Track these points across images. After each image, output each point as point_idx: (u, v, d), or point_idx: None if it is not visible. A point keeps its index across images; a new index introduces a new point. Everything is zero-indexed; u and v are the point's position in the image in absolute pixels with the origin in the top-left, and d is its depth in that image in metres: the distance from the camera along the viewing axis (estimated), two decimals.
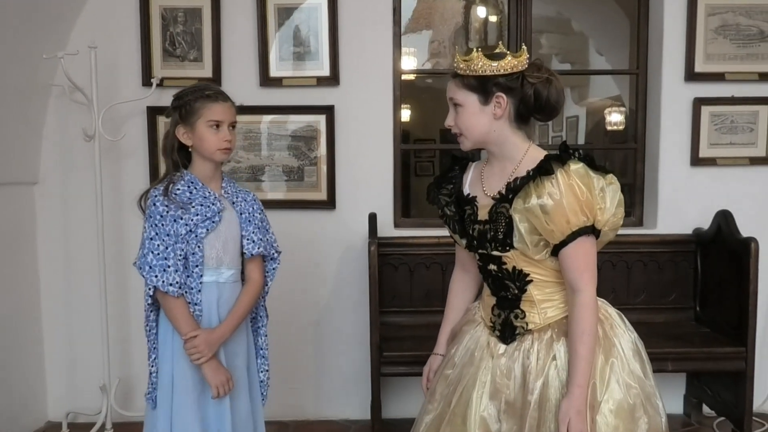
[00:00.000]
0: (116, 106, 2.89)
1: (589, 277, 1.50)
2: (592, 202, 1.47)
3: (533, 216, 1.48)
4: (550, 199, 1.46)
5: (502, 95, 1.53)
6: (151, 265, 1.77)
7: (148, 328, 1.89)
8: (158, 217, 1.79)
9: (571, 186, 1.46)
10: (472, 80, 1.54)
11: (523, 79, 1.53)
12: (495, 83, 1.53)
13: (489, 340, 1.63)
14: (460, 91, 1.56)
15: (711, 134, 3.07)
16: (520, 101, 1.54)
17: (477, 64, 1.52)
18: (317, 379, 3.18)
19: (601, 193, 1.48)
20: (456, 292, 1.83)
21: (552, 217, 1.46)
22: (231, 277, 1.90)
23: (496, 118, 1.55)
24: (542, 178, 1.47)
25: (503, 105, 1.54)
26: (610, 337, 1.54)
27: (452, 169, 1.75)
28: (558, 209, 1.46)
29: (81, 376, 3.13)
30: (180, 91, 1.89)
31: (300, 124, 3.06)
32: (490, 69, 1.52)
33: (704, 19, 3.01)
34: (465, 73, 1.55)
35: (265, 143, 3.07)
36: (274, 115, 3.06)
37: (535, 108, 1.55)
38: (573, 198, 1.46)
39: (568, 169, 1.47)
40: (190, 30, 3.02)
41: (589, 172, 1.48)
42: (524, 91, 1.53)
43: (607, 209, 1.48)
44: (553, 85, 1.54)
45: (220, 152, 1.85)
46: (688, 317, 3.08)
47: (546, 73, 1.54)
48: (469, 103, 1.55)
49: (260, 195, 3.06)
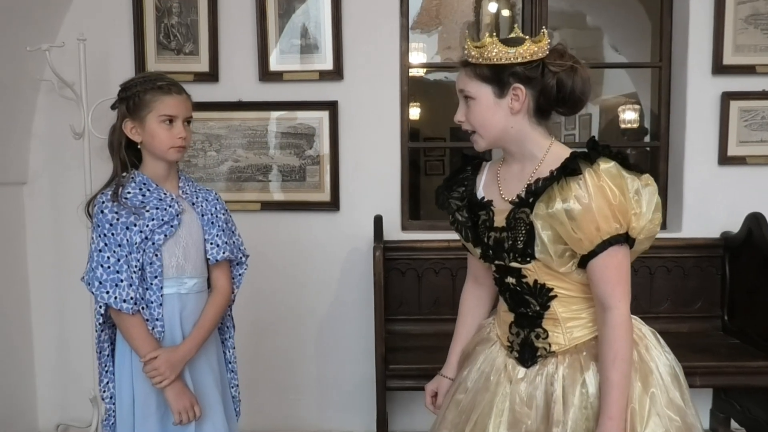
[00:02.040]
0: (107, 102, 2.71)
1: (622, 292, 1.31)
2: (626, 206, 1.29)
3: (558, 223, 1.30)
4: (577, 203, 1.28)
5: (520, 86, 1.35)
6: (101, 280, 1.60)
7: (98, 349, 1.71)
8: (107, 226, 1.61)
9: (601, 188, 1.28)
10: (486, 69, 1.36)
11: (543, 68, 1.35)
12: (512, 73, 1.35)
13: (506, 362, 1.45)
14: (471, 82, 1.38)
15: (740, 131, 2.87)
16: (540, 93, 1.36)
17: (491, 51, 1.34)
18: (319, 390, 3.02)
19: (636, 195, 1.30)
20: (468, 308, 1.65)
21: (579, 224, 1.28)
22: (195, 286, 1.71)
23: (513, 113, 1.37)
24: (568, 179, 1.29)
25: (521, 97, 1.36)
26: (647, 361, 1.36)
27: (463, 170, 1.57)
28: (586, 215, 1.28)
29: (72, 386, 2.98)
30: (127, 80, 1.71)
31: (302, 121, 2.89)
32: (506, 56, 1.34)
33: (733, 8, 2.81)
34: (477, 62, 1.36)
35: (264, 141, 2.91)
36: (275, 112, 2.89)
37: (557, 100, 1.37)
38: (603, 202, 1.27)
39: (597, 169, 1.29)
40: (185, 22, 2.86)
41: (622, 172, 1.30)
42: (545, 81, 1.35)
43: (643, 214, 1.30)
44: (578, 74, 1.35)
45: (173, 150, 1.66)
46: (715, 327, 2.89)
47: (570, 60, 1.36)
48: (482, 95, 1.38)
49: (260, 196, 2.93)
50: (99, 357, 1.71)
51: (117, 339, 1.70)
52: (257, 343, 2.90)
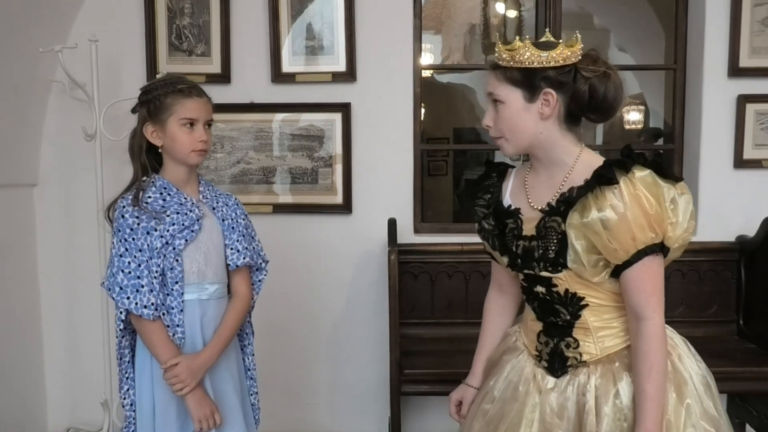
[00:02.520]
0: (118, 104, 2.71)
1: (656, 302, 1.30)
2: (662, 215, 1.27)
3: (592, 232, 1.28)
4: (613, 213, 1.26)
5: (551, 91, 1.33)
6: (122, 286, 1.57)
7: (119, 355, 1.69)
8: (128, 231, 1.59)
9: (637, 197, 1.26)
10: (517, 73, 1.34)
11: (575, 73, 1.33)
12: (543, 77, 1.33)
13: (535, 371, 1.43)
14: (501, 85, 1.36)
15: (756, 134, 2.85)
16: (571, 98, 1.34)
17: (523, 55, 1.32)
18: (332, 394, 3.00)
19: (672, 204, 1.28)
20: (492, 316, 1.63)
21: (615, 234, 1.26)
22: (215, 292, 1.69)
23: (543, 118, 1.35)
24: (603, 188, 1.27)
25: (552, 103, 1.34)
26: (681, 371, 1.34)
27: (488, 177, 1.54)
28: (622, 224, 1.26)
29: (82, 389, 2.96)
30: (148, 83, 1.70)
31: (314, 123, 2.87)
32: (538, 60, 1.32)
33: (750, 10, 2.78)
34: (508, 65, 1.34)
35: (276, 143, 2.89)
36: (287, 113, 2.87)
37: (589, 106, 1.35)
38: (639, 211, 1.26)
39: (633, 178, 1.27)
40: (197, 23, 2.83)
41: (657, 181, 1.28)
42: (577, 86, 1.33)
43: (679, 224, 1.28)
44: (611, 80, 1.33)
45: (194, 154, 1.65)
46: (730, 331, 2.87)
47: (603, 65, 1.34)
48: (512, 99, 1.35)
49: (271, 198, 2.91)
50: (119, 363, 1.69)
51: (137, 345, 1.68)
52: (269, 347, 2.87)
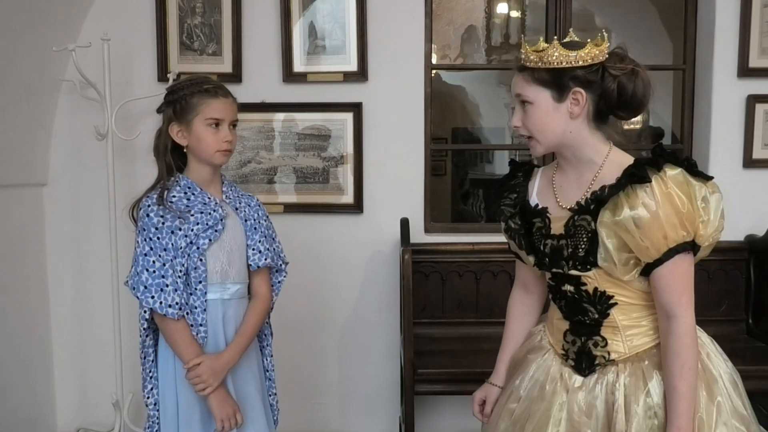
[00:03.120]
0: (130, 103, 2.71)
1: (687, 301, 1.31)
2: (693, 214, 1.28)
3: (624, 231, 1.29)
4: (645, 211, 1.27)
5: (581, 90, 1.34)
6: (146, 285, 1.57)
7: (143, 355, 1.68)
8: (153, 230, 1.59)
9: (668, 195, 1.27)
10: (545, 74, 1.35)
11: (603, 72, 1.34)
12: (572, 77, 1.33)
13: (561, 370, 1.43)
14: (529, 86, 1.37)
15: (766, 134, 2.86)
16: (600, 97, 1.35)
17: (551, 55, 1.33)
18: (342, 394, 3.00)
19: (703, 203, 1.29)
20: (516, 316, 1.63)
21: (646, 232, 1.27)
22: (237, 292, 1.70)
23: (572, 117, 1.36)
24: (634, 186, 1.28)
25: (581, 102, 1.34)
26: (710, 370, 1.35)
27: (514, 176, 1.55)
28: (654, 223, 1.26)
29: (92, 389, 2.96)
30: (174, 83, 1.70)
31: (325, 123, 2.87)
32: (567, 60, 1.32)
33: (759, 10, 2.79)
34: (536, 66, 1.35)
35: (287, 143, 2.88)
36: (298, 113, 2.86)
37: (618, 104, 1.35)
38: (671, 209, 1.26)
39: (664, 176, 1.28)
40: (208, 22, 2.83)
41: (689, 179, 1.29)
42: (605, 84, 1.34)
43: (711, 222, 1.29)
44: (640, 78, 1.34)
45: (219, 154, 1.65)
46: (740, 330, 2.88)
47: (631, 63, 1.35)
48: (540, 100, 1.36)
49: (282, 198, 2.91)
50: (143, 363, 1.68)
51: (159, 344, 1.68)
52: (280, 346, 2.81)
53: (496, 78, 6.19)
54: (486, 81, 6.22)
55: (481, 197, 5.95)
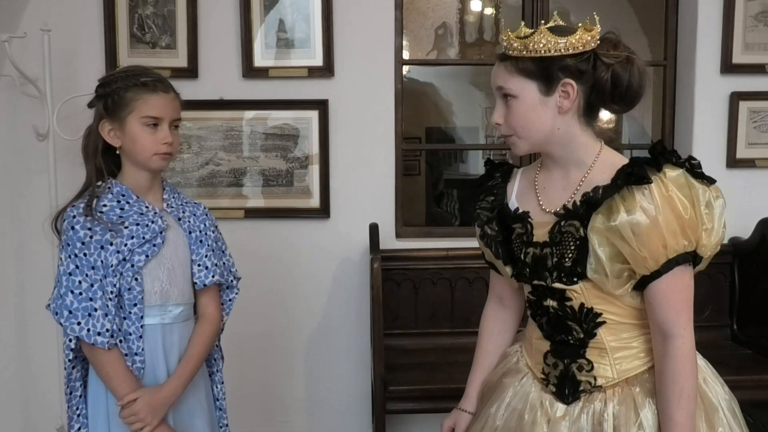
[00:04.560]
0: (74, 100, 2.48)
1: (687, 319, 1.17)
2: (696, 221, 1.13)
3: (619, 238, 1.13)
4: (644, 216, 1.12)
5: (571, 82, 1.18)
6: (71, 309, 1.37)
7: (68, 390, 1.47)
8: (79, 245, 1.38)
9: (669, 199, 1.12)
10: (530, 63, 1.19)
11: (596, 60, 1.18)
12: (562, 66, 1.18)
13: (542, 397, 1.28)
14: (513, 78, 1.21)
15: (749, 132, 2.76)
16: (592, 88, 1.20)
17: (539, 43, 1.17)
18: (309, 411, 2.81)
19: (707, 209, 1.14)
20: (490, 333, 1.47)
21: (644, 240, 1.12)
22: (180, 315, 1.49)
23: (561, 112, 1.20)
24: (632, 188, 1.12)
25: (572, 95, 1.19)
26: (709, 397, 1.21)
27: (492, 177, 1.39)
28: (653, 230, 1.12)
29: (37, 413, 2.72)
30: (107, 75, 1.50)
31: (289, 121, 2.68)
32: (556, 48, 1.17)
33: (743, 5, 2.69)
34: (521, 55, 1.19)
35: (248, 143, 2.69)
36: (259, 111, 2.67)
37: (612, 96, 1.20)
38: (672, 215, 1.12)
39: (664, 178, 1.13)
40: (161, 12, 2.62)
41: (691, 181, 1.14)
42: (598, 74, 1.19)
43: (715, 231, 1.15)
44: (635, 66, 1.19)
45: (157, 157, 1.45)
46: (724, 336, 2.77)
47: (625, 50, 1.20)
48: (526, 93, 1.20)
49: (243, 202, 2.71)
50: (69, 399, 1.47)
51: (90, 376, 1.47)
52: (241, 362, 2.67)
53: (469, 77, 6.10)
54: (459, 79, 6.14)
55: (455, 198, 5.84)
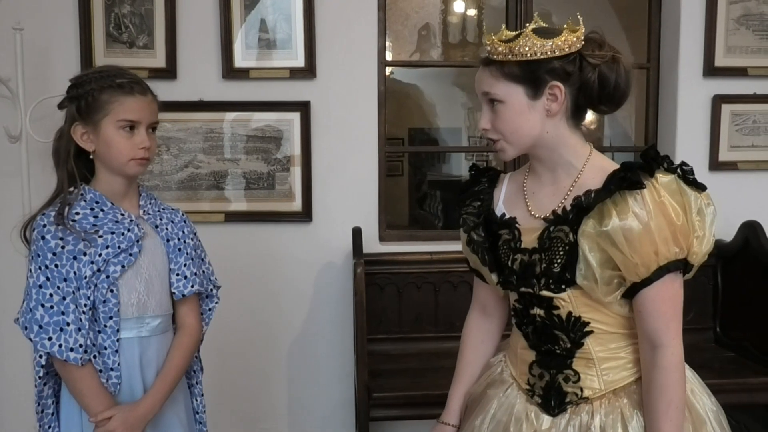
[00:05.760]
0: (48, 101, 2.40)
1: (676, 328, 1.15)
2: (688, 228, 1.11)
3: (610, 244, 1.11)
4: (637, 222, 1.09)
5: (558, 84, 1.16)
6: (41, 324, 1.30)
7: (40, 408, 1.40)
8: (50, 256, 1.32)
9: (661, 205, 1.10)
10: (515, 67, 1.16)
11: (581, 61, 1.16)
12: (548, 69, 1.15)
13: (527, 409, 1.25)
14: (498, 83, 1.18)
15: (732, 135, 2.77)
16: (579, 90, 1.18)
17: (524, 46, 1.14)
18: (292, 418, 2.76)
19: (699, 216, 1.13)
20: (473, 343, 1.44)
21: (636, 247, 1.10)
22: (158, 327, 1.43)
23: (549, 115, 1.18)
24: (624, 193, 1.10)
25: (560, 97, 1.17)
26: (697, 409, 1.19)
27: (478, 182, 1.36)
28: (645, 236, 1.10)
29: (9, 424, 2.64)
30: (80, 74, 1.42)
31: (270, 123, 2.63)
32: (542, 50, 1.14)
33: (725, 8, 2.70)
34: (506, 59, 1.16)
35: (228, 145, 2.64)
36: (240, 112, 2.62)
37: (599, 97, 1.18)
38: (664, 221, 1.10)
39: (656, 183, 1.11)
40: (139, 11, 2.55)
41: (683, 187, 1.12)
42: (584, 76, 1.16)
43: (706, 239, 1.13)
44: (621, 65, 1.18)
45: (134, 163, 1.38)
46: (707, 339, 2.77)
47: (610, 50, 1.18)
48: (513, 98, 1.18)
49: (223, 206, 2.65)
50: (40, 418, 1.40)
51: (62, 393, 1.40)
52: (221, 369, 2.62)
53: (452, 78, 6.10)
54: (442, 80, 6.13)
55: (438, 199, 5.84)
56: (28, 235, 1.39)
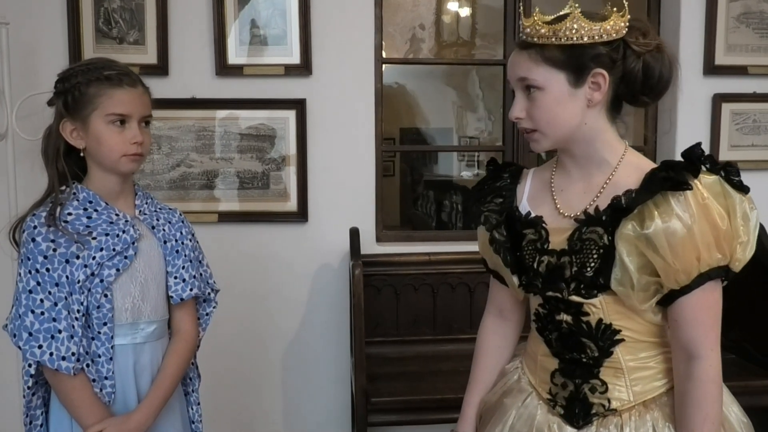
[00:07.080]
0: (35, 98, 2.33)
1: (714, 339, 1.08)
2: (732, 233, 1.04)
3: (651, 248, 1.04)
4: (680, 225, 1.03)
5: (603, 72, 1.09)
6: (31, 331, 1.24)
7: (28, 420, 1.33)
8: (40, 259, 1.25)
9: (705, 208, 1.04)
10: (558, 52, 1.08)
11: (625, 49, 1.10)
12: (594, 55, 1.08)
13: (549, 420, 1.18)
14: (538, 68, 1.10)
15: (732, 134, 2.74)
16: (621, 79, 1.11)
17: (570, 28, 1.06)
18: (287, 424, 2.70)
19: (743, 221, 1.05)
20: (489, 348, 1.36)
21: (679, 252, 1.03)
22: (153, 333, 1.37)
23: (590, 105, 1.11)
24: (666, 193, 1.04)
25: (603, 86, 1.10)
26: (732, 423, 1.14)
27: (499, 177, 1.29)
28: (689, 240, 1.03)
29: None
30: (67, 69, 1.36)
31: (265, 121, 2.57)
32: (589, 34, 1.07)
33: (725, 6, 2.67)
34: (549, 42, 1.08)
35: (222, 144, 2.57)
36: (234, 110, 2.55)
37: (643, 88, 1.12)
38: (708, 226, 1.03)
39: (699, 184, 1.04)
40: (129, 5, 2.48)
41: (727, 190, 1.05)
42: (628, 64, 1.10)
43: (750, 244, 1.06)
44: (665, 55, 1.12)
45: (126, 159, 1.32)
46: None
47: (655, 38, 1.12)
48: (553, 84, 1.10)
49: (216, 206, 2.58)
50: (29, 430, 1.33)
51: (52, 403, 1.34)
52: (215, 372, 2.54)
53: (443, 77, 6.08)
54: (433, 80, 6.11)
55: (431, 199, 5.80)
56: (18, 237, 1.32)
